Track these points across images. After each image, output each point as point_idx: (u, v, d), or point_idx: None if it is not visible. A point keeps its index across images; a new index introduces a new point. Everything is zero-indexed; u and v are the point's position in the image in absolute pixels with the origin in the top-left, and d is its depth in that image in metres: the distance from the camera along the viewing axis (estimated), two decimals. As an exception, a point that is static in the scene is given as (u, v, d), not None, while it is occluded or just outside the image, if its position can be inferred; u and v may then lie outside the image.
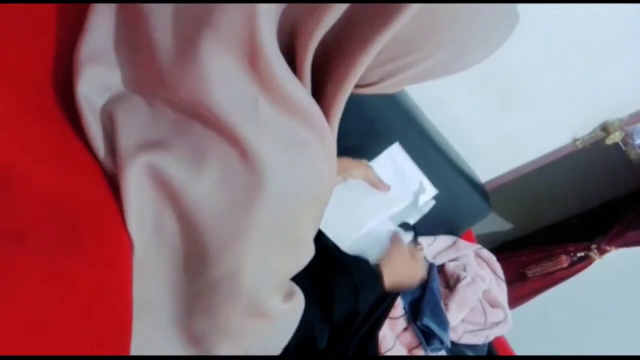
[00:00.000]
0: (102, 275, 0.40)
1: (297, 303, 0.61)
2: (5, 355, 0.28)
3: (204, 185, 0.43)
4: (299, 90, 0.43)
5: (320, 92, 0.48)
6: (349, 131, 0.54)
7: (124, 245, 0.44)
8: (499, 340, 1.37)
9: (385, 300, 0.94)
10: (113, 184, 0.45)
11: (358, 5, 0.41)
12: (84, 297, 0.37)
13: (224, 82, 0.41)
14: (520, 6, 0.49)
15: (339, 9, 0.40)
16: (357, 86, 0.49)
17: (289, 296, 0.60)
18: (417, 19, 0.40)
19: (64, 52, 0.47)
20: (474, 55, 0.48)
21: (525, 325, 1.55)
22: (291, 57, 0.45)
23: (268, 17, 0.41)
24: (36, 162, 0.40)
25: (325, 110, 0.47)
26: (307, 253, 0.55)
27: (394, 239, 1.03)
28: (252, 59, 0.41)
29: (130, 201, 0.44)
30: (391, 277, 0.93)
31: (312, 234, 0.55)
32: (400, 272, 0.96)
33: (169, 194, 0.45)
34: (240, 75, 0.42)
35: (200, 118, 0.43)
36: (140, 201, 0.45)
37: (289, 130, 0.44)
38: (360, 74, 0.43)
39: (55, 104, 0.45)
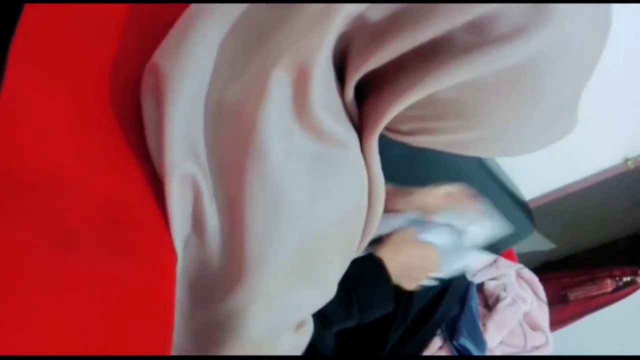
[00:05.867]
0: (148, 281, 0.40)
1: (306, 333, 0.57)
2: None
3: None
4: (337, 126, 0.44)
5: (364, 96, 0.48)
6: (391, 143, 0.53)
7: (170, 253, 0.44)
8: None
9: (399, 300, 0.82)
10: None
11: (410, 53, 0.40)
12: (130, 302, 0.38)
13: (277, 104, 0.42)
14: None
15: (388, 54, 0.40)
16: (390, 130, 0.49)
17: (300, 325, 0.56)
18: (468, 88, 0.39)
19: (125, 60, 0.47)
20: (513, 147, 0.47)
21: (563, 351, 1.48)
22: (343, 62, 0.45)
23: (329, 51, 0.41)
24: (89, 167, 0.41)
25: (363, 124, 0.48)
26: (324, 292, 0.52)
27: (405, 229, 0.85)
28: (299, 96, 0.42)
29: (174, 213, 0.44)
30: (394, 264, 0.78)
31: (336, 275, 0.52)
32: (405, 259, 0.79)
33: (198, 210, 0.44)
34: (288, 106, 0.42)
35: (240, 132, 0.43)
36: (182, 214, 0.45)
37: (317, 152, 0.44)
38: (392, 116, 0.43)
39: (112, 110, 0.46)
